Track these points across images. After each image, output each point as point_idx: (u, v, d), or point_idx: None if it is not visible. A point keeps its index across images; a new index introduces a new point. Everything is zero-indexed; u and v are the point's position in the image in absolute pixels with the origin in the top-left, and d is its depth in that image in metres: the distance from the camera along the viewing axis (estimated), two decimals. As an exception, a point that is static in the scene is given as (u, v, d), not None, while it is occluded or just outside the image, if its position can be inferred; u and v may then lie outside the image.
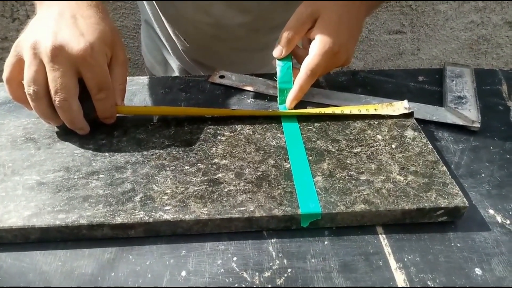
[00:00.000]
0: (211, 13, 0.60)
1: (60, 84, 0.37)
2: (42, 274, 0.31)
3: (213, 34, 0.63)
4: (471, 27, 1.14)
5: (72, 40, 0.37)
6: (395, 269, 0.32)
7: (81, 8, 0.40)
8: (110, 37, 0.40)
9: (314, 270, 0.32)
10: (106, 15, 0.41)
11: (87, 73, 0.38)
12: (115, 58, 0.41)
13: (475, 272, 0.32)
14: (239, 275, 0.31)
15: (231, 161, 0.39)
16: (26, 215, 0.33)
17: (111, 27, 0.41)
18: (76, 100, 0.38)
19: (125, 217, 0.33)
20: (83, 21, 0.39)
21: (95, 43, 0.38)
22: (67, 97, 0.37)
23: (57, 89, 0.37)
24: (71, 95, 0.38)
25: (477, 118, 0.46)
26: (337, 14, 0.46)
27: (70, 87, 0.37)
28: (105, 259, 0.32)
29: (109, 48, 0.40)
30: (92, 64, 0.37)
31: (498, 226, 0.35)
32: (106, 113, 0.41)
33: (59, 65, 0.37)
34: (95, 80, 0.38)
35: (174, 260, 0.32)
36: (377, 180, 0.36)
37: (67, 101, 0.38)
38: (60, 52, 0.36)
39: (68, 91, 0.37)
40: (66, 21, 0.38)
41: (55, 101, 0.38)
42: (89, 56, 0.37)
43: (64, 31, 0.37)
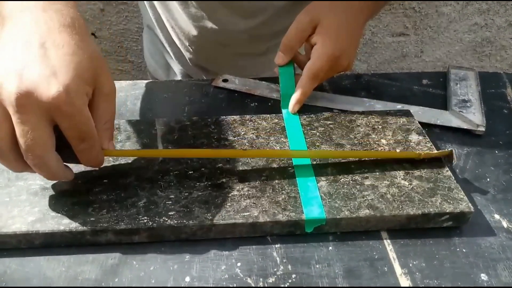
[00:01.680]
0: (215, 18, 0.60)
1: (31, 139, 0.29)
2: (46, 279, 0.31)
3: (217, 39, 0.63)
4: (475, 29, 1.13)
5: (41, 83, 0.29)
6: (400, 274, 0.31)
7: (52, 32, 0.31)
8: (90, 69, 0.32)
9: (318, 275, 0.31)
10: (84, 36, 0.33)
11: (63, 122, 0.30)
12: (99, 92, 0.33)
13: (481, 278, 0.31)
14: (243, 280, 0.31)
15: (234, 166, 0.39)
16: (30, 221, 0.33)
17: (91, 53, 0.32)
18: (52, 155, 0.31)
19: (129, 223, 0.33)
20: (54, 52, 0.30)
21: (70, 84, 0.30)
22: (41, 154, 0.30)
23: (28, 145, 0.29)
24: (46, 150, 0.30)
25: (482, 122, 0.46)
26: (336, 20, 0.47)
27: (44, 141, 0.30)
28: (109, 264, 0.32)
29: (90, 83, 0.32)
30: (68, 112, 0.30)
31: (503, 231, 0.35)
32: (92, 162, 0.34)
33: (28, 116, 0.29)
34: (74, 131, 0.31)
35: (178, 265, 0.32)
36: (381, 185, 0.36)
37: (42, 158, 0.30)
38: (27, 100, 0.29)
39: (42, 146, 0.30)
40: (34, 53, 0.30)
41: (27, 159, 0.31)
42: (64, 103, 0.29)
43: (31, 69, 0.29)
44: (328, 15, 0.47)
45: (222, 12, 0.59)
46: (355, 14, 0.49)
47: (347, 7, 0.48)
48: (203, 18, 0.60)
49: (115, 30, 1.13)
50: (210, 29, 0.61)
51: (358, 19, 0.50)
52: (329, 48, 0.46)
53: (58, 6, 0.33)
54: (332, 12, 0.48)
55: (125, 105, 0.51)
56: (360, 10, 0.50)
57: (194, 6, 0.59)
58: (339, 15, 0.48)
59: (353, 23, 0.49)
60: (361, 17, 0.50)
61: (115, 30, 1.13)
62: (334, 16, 0.47)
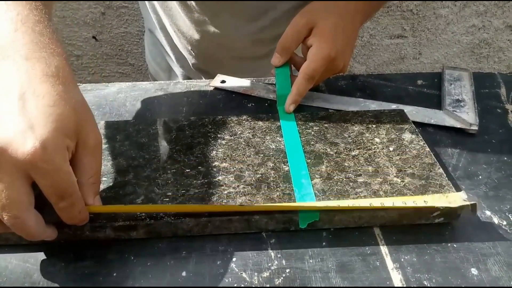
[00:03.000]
0: (218, 22, 0.61)
1: (7, 199, 0.28)
2: (46, 274, 0.32)
3: (219, 43, 0.64)
4: (472, 31, 1.14)
5: (16, 138, 0.27)
6: (391, 269, 0.32)
7: (33, 81, 0.30)
8: (72, 120, 0.30)
9: (312, 270, 0.32)
10: (68, 86, 0.31)
11: (41, 180, 0.28)
12: (83, 145, 0.31)
13: (471, 272, 0.32)
14: (238, 275, 0.32)
15: (231, 164, 0.39)
16: (31, 217, 0.34)
17: (74, 103, 0.31)
18: (31, 214, 0.29)
19: (127, 219, 0.34)
20: (34, 103, 0.29)
21: (48, 138, 0.28)
22: (18, 214, 0.28)
23: (3, 205, 0.28)
24: (23, 209, 0.29)
25: (475, 121, 0.47)
26: (332, 22, 0.48)
27: (21, 200, 0.28)
28: (107, 260, 0.33)
29: (72, 136, 0.30)
30: (45, 169, 0.28)
31: (494, 227, 0.36)
32: (74, 220, 0.32)
33: (1, 174, 0.27)
34: (52, 188, 0.29)
35: (174, 261, 0.33)
36: (374, 182, 0.37)
37: (19, 218, 0.29)
38: (1, 158, 0.27)
39: (19, 206, 0.28)
40: (13, 105, 0.29)
41: (4, 219, 0.29)
42: (40, 159, 0.27)
43: (7, 123, 0.28)
44: (324, 18, 0.48)
45: (225, 16, 0.60)
46: (350, 16, 0.50)
47: (343, 10, 0.49)
48: (206, 22, 0.61)
49: (116, 34, 1.14)
50: (213, 33, 0.62)
51: (353, 22, 0.51)
52: (325, 50, 0.47)
53: (42, 54, 0.31)
54: (327, 14, 0.49)
55: (124, 106, 0.52)
56: (356, 13, 0.51)
57: (196, 10, 0.60)
58: (334, 18, 0.49)
59: (348, 25, 0.50)
60: (356, 19, 0.51)
61: (116, 33, 1.14)
62: (330, 19, 0.48)
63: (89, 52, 1.16)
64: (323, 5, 0.50)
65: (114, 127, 0.45)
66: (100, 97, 0.54)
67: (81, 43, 1.15)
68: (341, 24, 0.49)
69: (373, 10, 0.57)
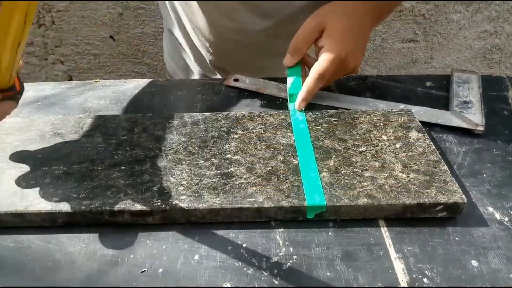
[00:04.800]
0: (234, 18, 0.63)
1: None
2: (67, 254, 0.34)
3: (236, 39, 0.66)
4: (484, 36, 1.15)
5: None
6: (394, 258, 0.34)
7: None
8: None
9: (318, 257, 0.34)
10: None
11: None
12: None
13: (472, 264, 0.33)
14: (247, 260, 0.34)
15: (243, 157, 0.41)
16: (54, 201, 0.36)
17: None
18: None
19: (144, 205, 0.36)
20: None
21: None
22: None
23: None
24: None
25: (481, 121, 0.48)
26: (342, 24, 0.49)
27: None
28: (125, 242, 0.35)
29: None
30: None
31: (496, 223, 0.37)
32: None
33: None
34: None
35: (188, 245, 0.35)
36: (380, 177, 0.39)
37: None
38: None
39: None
40: None
41: None
42: None
43: None
44: (335, 20, 0.50)
45: (241, 12, 0.62)
46: (361, 19, 0.52)
47: (353, 12, 0.51)
48: (223, 18, 0.63)
49: (133, 34, 1.17)
50: (230, 29, 0.64)
51: (364, 24, 0.53)
52: (336, 50, 0.48)
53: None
54: (338, 17, 0.50)
55: (142, 101, 0.54)
56: (365, 15, 0.52)
57: (214, 6, 0.62)
58: (345, 20, 0.50)
59: (358, 27, 0.52)
60: (366, 22, 0.53)
61: (133, 33, 1.17)
62: (340, 21, 0.50)
63: (106, 51, 1.19)
64: (334, 8, 0.51)
65: (132, 120, 0.47)
66: (118, 93, 0.56)
67: (99, 43, 1.18)
68: (351, 26, 0.50)
69: (383, 14, 0.58)
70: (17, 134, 0.45)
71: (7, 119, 0.47)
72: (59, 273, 0.33)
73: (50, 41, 1.18)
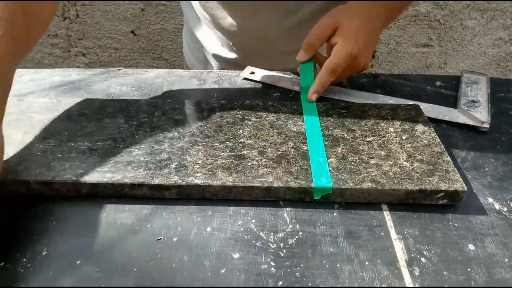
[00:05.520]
0: (257, 16, 0.65)
1: None
2: (89, 221, 0.37)
3: (258, 36, 0.68)
4: (499, 43, 1.15)
5: None
6: (395, 239, 0.36)
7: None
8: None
9: (322, 235, 0.36)
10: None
11: None
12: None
13: (468, 248, 0.35)
14: (256, 234, 0.36)
15: (255, 142, 0.44)
16: (79, 173, 0.39)
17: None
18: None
19: (162, 180, 0.38)
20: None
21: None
22: None
23: None
24: None
25: (487, 119, 0.50)
26: (355, 24, 0.52)
27: None
28: (143, 214, 0.38)
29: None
30: None
31: (495, 212, 0.39)
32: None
33: None
34: None
35: (201, 218, 0.37)
36: (385, 165, 0.41)
37: None
38: None
39: None
40: None
41: None
42: None
43: None
44: (348, 20, 0.52)
45: (264, 10, 0.65)
46: (373, 20, 0.54)
47: (366, 13, 0.54)
48: (246, 16, 0.66)
49: (153, 29, 1.20)
50: (252, 26, 0.66)
51: (375, 25, 0.55)
52: (348, 48, 0.51)
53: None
54: (351, 17, 0.53)
55: (161, 89, 0.57)
56: (377, 17, 0.55)
57: (238, 7, 0.65)
58: (357, 20, 0.53)
59: (370, 27, 0.54)
60: (377, 23, 0.55)
61: (153, 29, 1.20)
62: (354, 21, 0.52)
63: (127, 45, 1.23)
64: (348, 8, 0.54)
65: (153, 104, 0.50)
66: (140, 81, 0.59)
67: (120, 37, 1.22)
68: (363, 26, 0.53)
69: (394, 16, 0.60)
70: (45, 113, 0.48)
71: (35, 99, 0.50)
72: (81, 238, 0.36)
73: (74, 33, 1.22)
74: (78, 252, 0.34)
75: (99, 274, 0.33)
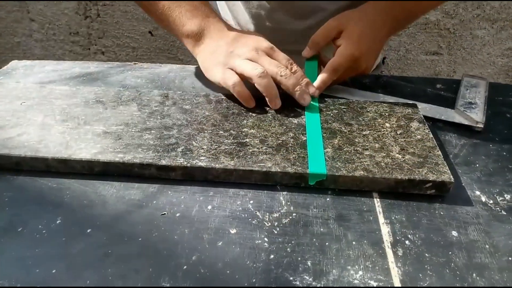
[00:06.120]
0: (272, 18, 0.69)
1: None
2: (100, 196, 0.40)
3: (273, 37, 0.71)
4: (508, 53, 1.17)
5: None
6: (382, 223, 0.38)
7: None
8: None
9: (314, 216, 0.38)
10: None
11: None
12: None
13: (452, 233, 0.37)
14: (253, 213, 0.39)
15: (257, 131, 0.46)
16: (93, 152, 0.42)
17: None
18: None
19: (169, 161, 0.42)
20: None
21: None
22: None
23: None
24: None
25: (482, 119, 0.52)
26: (360, 28, 0.55)
27: None
28: (150, 191, 0.41)
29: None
30: None
31: (481, 204, 0.41)
32: None
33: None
34: None
35: (203, 198, 0.40)
36: (378, 156, 0.43)
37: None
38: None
39: None
40: None
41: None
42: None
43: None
44: (353, 24, 0.55)
45: (279, 13, 0.68)
46: (377, 28, 0.57)
47: (371, 21, 0.57)
48: (262, 17, 0.69)
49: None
50: (267, 27, 0.70)
51: (380, 32, 0.58)
52: (350, 49, 0.54)
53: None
54: (356, 22, 0.56)
55: (174, 82, 0.61)
56: (383, 26, 0.58)
57: (255, 6, 0.69)
58: (362, 25, 0.56)
59: (374, 34, 0.57)
60: (382, 31, 0.58)
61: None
62: (358, 25, 0.56)
63: (144, 45, 1.28)
64: (354, 14, 0.57)
65: (164, 95, 0.53)
66: (154, 74, 0.63)
67: (138, 37, 1.27)
68: (367, 31, 0.56)
69: (400, 27, 0.63)
70: (65, 99, 0.52)
71: (56, 87, 0.54)
72: (92, 209, 0.39)
73: (94, 32, 1.27)
74: (89, 222, 0.38)
75: (107, 241, 0.36)
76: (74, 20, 1.26)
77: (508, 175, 0.44)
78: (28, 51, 1.39)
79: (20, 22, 1.32)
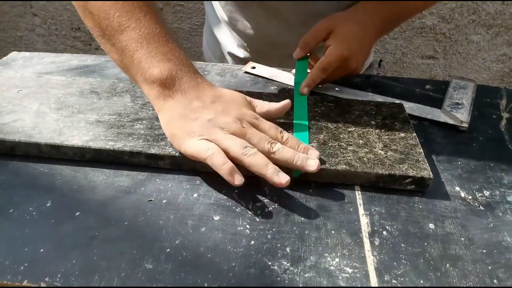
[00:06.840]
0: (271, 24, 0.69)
1: None
2: (90, 182, 0.42)
3: (271, 41, 0.73)
4: (503, 59, 1.18)
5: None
6: (362, 214, 0.39)
7: None
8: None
9: (296, 206, 0.40)
10: None
11: None
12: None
13: (428, 226, 0.38)
14: (237, 202, 0.40)
15: (246, 124, 0.48)
16: (85, 139, 0.44)
17: None
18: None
19: (158, 150, 0.43)
20: None
21: None
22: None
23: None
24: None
25: (467, 119, 0.53)
26: (349, 28, 0.56)
27: None
28: (138, 179, 0.42)
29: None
30: None
31: (460, 199, 0.42)
32: None
33: None
34: None
35: (190, 186, 0.42)
36: (361, 151, 0.44)
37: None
38: None
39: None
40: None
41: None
42: None
43: None
44: (343, 25, 0.57)
45: (278, 19, 0.69)
46: (367, 28, 0.59)
47: (361, 22, 0.58)
48: (262, 23, 0.70)
49: (170, 29, 1.26)
50: (267, 32, 0.71)
51: (369, 33, 0.59)
52: (339, 49, 0.55)
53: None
54: (346, 23, 0.57)
55: (168, 77, 0.62)
56: (372, 26, 0.59)
57: (254, 10, 0.70)
58: (351, 26, 0.57)
59: (364, 35, 0.58)
60: (372, 31, 0.60)
61: (170, 28, 1.26)
62: (348, 26, 0.57)
63: (144, 42, 1.29)
64: (345, 16, 0.58)
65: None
66: (149, 68, 0.64)
67: (138, 34, 1.28)
68: (357, 32, 0.57)
69: (389, 28, 0.65)
70: (61, 89, 0.53)
71: (53, 77, 0.55)
72: (82, 194, 0.40)
73: (95, 28, 1.28)
74: (78, 205, 0.39)
75: (94, 224, 0.37)
76: (76, 16, 1.28)
77: (489, 173, 0.46)
78: (30, 46, 1.41)
79: (23, 17, 1.34)
